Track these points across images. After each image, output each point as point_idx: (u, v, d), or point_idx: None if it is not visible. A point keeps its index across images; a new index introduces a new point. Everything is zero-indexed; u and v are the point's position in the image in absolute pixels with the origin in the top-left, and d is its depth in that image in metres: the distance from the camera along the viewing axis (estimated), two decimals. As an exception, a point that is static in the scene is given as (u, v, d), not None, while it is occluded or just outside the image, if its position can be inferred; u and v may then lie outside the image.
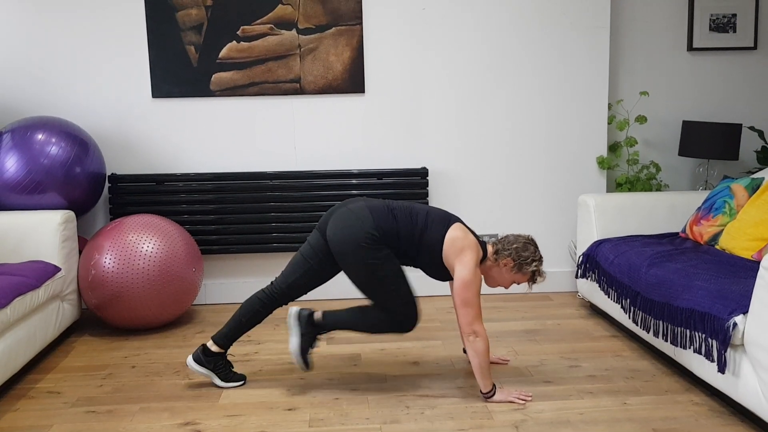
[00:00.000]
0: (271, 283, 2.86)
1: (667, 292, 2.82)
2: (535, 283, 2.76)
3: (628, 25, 4.30)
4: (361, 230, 2.62)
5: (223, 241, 4.02)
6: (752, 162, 4.43)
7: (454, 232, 2.67)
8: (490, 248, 2.76)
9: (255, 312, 2.83)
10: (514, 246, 2.70)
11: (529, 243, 2.73)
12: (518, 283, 2.78)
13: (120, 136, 4.02)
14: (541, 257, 2.73)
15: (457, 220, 2.75)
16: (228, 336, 2.83)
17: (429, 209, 2.75)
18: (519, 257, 2.70)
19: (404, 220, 2.68)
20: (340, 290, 4.16)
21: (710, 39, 4.30)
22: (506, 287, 2.80)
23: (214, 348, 2.84)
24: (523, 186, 4.20)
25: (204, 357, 2.84)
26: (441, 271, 2.75)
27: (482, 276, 2.76)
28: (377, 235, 2.62)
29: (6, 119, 3.96)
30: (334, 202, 4.03)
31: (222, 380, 2.86)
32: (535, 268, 2.72)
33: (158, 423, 2.56)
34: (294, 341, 2.78)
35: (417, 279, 4.19)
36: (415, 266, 2.77)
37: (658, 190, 4.22)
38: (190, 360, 2.85)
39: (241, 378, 2.90)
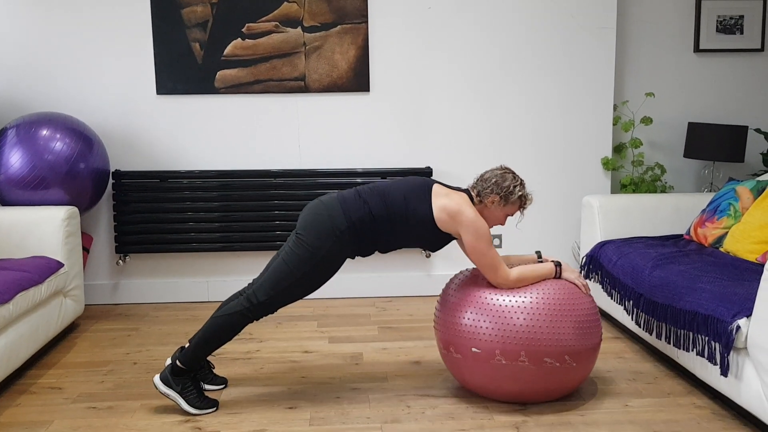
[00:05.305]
0: (249, 284, 2.76)
1: (670, 294, 2.81)
2: (525, 208, 2.72)
3: (635, 26, 4.28)
4: (329, 220, 2.58)
5: (226, 239, 4.02)
6: (758, 164, 4.41)
7: (439, 201, 2.62)
8: (473, 193, 2.71)
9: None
10: (493, 181, 2.66)
11: (506, 172, 2.69)
12: (512, 215, 2.74)
13: (124, 132, 4.02)
14: (522, 181, 2.69)
15: (433, 182, 2.70)
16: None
17: (402, 187, 2.67)
18: (501, 189, 2.65)
19: (376, 203, 2.62)
20: (341, 290, 4.16)
21: (717, 40, 4.28)
22: (503, 224, 2.75)
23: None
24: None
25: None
26: (440, 241, 2.70)
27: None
28: (342, 229, 2.58)
29: (11, 115, 3.96)
30: (337, 200, 4.02)
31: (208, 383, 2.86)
32: (520, 193, 2.67)
33: (159, 420, 2.56)
34: (182, 403, 2.61)
35: (421, 280, 4.18)
36: (408, 246, 2.71)
37: (663, 191, 4.20)
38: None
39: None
